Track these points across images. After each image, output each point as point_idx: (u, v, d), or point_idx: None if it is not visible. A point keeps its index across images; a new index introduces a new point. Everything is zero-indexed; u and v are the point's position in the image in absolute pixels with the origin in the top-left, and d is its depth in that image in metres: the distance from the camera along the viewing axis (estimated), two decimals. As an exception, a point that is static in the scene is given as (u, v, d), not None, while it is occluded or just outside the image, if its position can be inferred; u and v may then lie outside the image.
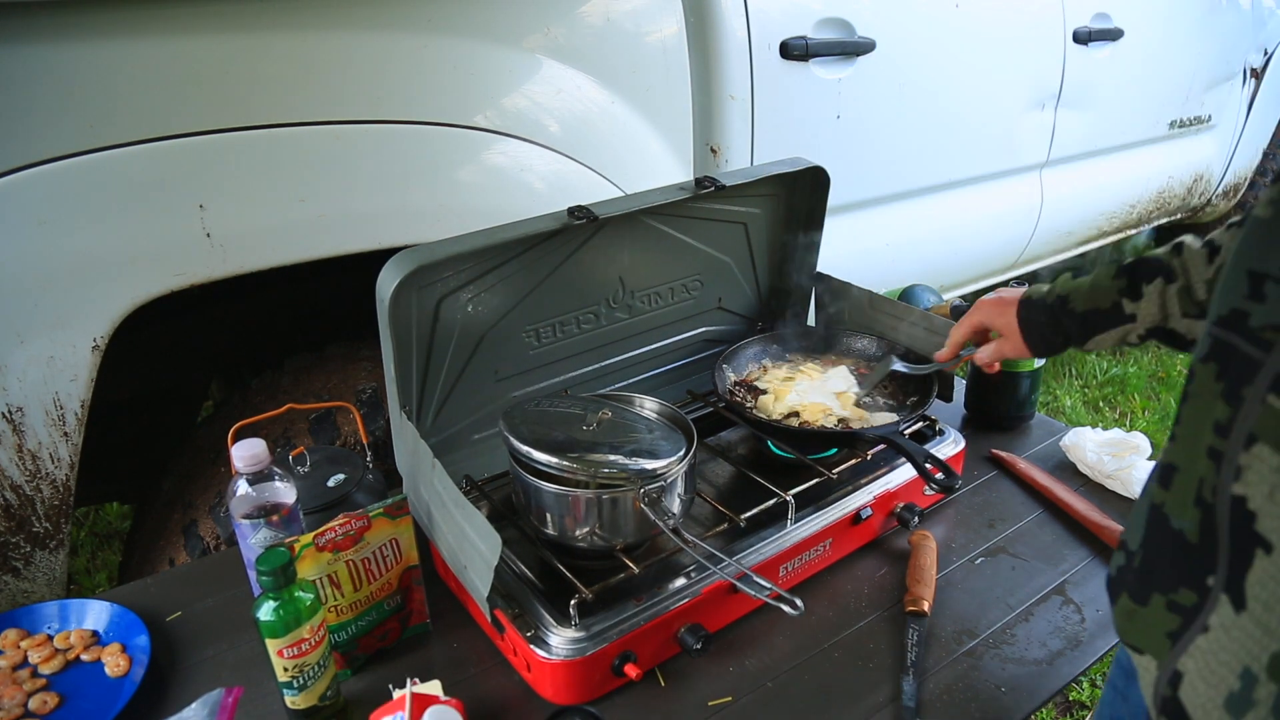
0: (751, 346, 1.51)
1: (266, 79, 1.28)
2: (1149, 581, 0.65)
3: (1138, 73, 2.68)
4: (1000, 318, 1.17)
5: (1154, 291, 0.99)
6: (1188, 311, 0.98)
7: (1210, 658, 0.59)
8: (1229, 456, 0.57)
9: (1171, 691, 0.62)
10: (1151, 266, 0.99)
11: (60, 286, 1.19)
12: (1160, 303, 0.99)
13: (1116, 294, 1.02)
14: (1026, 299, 1.13)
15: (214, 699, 0.97)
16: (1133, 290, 1.00)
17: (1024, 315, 1.12)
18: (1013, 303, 1.14)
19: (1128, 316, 1.01)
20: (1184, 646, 0.61)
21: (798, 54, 1.83)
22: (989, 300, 1.20)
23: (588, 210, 1.18)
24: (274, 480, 1.05)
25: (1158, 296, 0.99)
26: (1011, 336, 1.15)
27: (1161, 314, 0.99)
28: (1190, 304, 0.97)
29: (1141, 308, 1.00)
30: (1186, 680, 0.61)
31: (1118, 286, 1.02)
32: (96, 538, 2.62)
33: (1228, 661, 0.58)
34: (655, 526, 1.05)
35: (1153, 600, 0.64)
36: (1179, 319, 0.99)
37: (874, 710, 1.02)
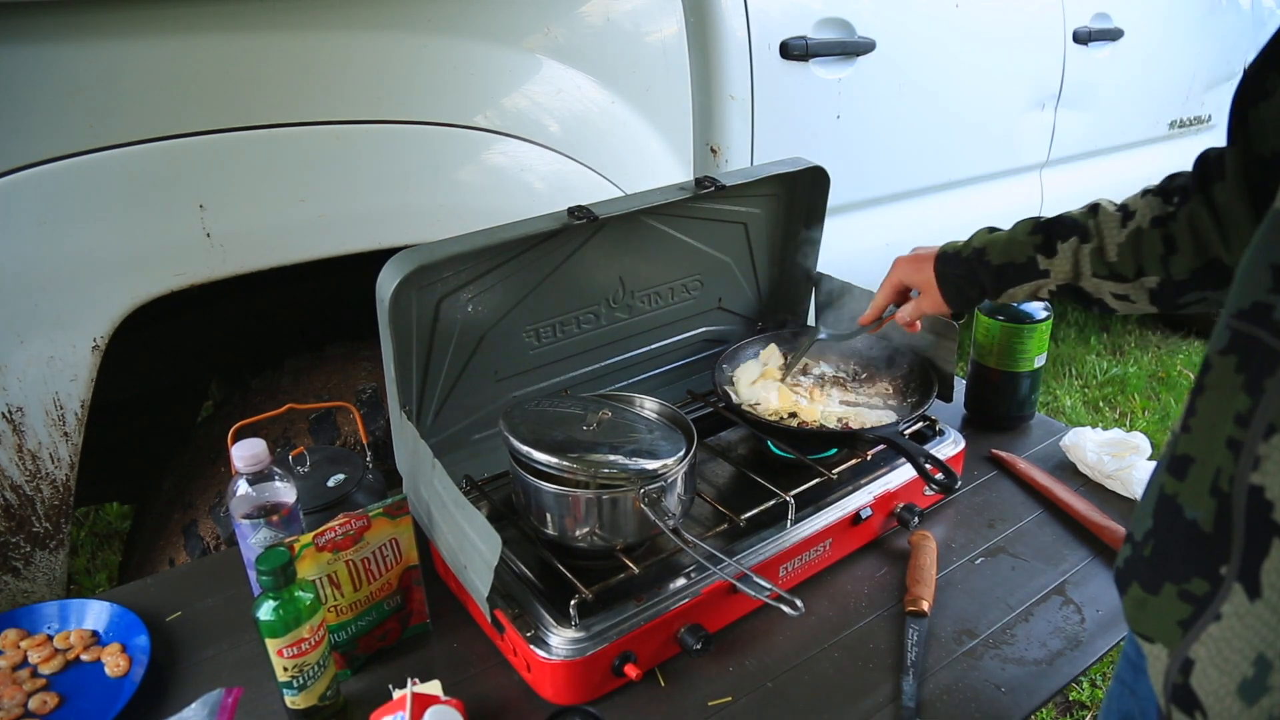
0: (751, 346, 1.51)
1: (266, 79, 1.28)
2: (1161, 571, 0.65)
3: (1138, 73, 2.68)
4: (918, 274, 1.20)
5: (1068, 250, 1.03)
6: (1098, 272, 1.01)
7: (1223, 645, 0.59)
8: (1248, 447, 0.58)
9: (1183, 679, 0.63)
10: (1067, 226, 1.03)
11: (60, 286, 1.19)
12: (1074, 261, 1.03)
13: (1032, 249, 1.06)
14: (943, 254, 1.16)
15: (214, 699, 0.97)
16: (1048, 247, 1.04)
17: (940, 269, 1.16)
18: (929, 258, 1.17)
19: (1041, 272, 1.05)
20: (1195, 634, 0.61)
21: (798, 54, 1.83)
22: (905, 258, 1.23)
23: (588, 210, 1.18)
24: (274, 480, 1.05)
25: (1072, 255, 1.03)
26: (929, 291, 1.18)
27: (1074, 272, 1.03)
28: (1101, 265, 1.01)
29: (1055, 264, 1.04)
30: (1198, 668, 0.61)
31: (1033, 243, 1.06)
32: (96, 538, 2.62)
33: (1241, 649, 0.58)
34: (655, 526, 1.05)
35: (1164, 589, 0.65)
36: (1089, 278, 1.02)
37: (874, 710, 1.02)
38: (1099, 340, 3.67)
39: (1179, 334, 3.72)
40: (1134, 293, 1.00)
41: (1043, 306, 1.53)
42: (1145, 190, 0.99)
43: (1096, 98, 2.60)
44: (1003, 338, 1.53)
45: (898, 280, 1.24)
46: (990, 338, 1.54)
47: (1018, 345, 1.52)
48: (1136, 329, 3.78)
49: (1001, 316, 1.52)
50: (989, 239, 1.11)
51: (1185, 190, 0.95)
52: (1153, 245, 0.96)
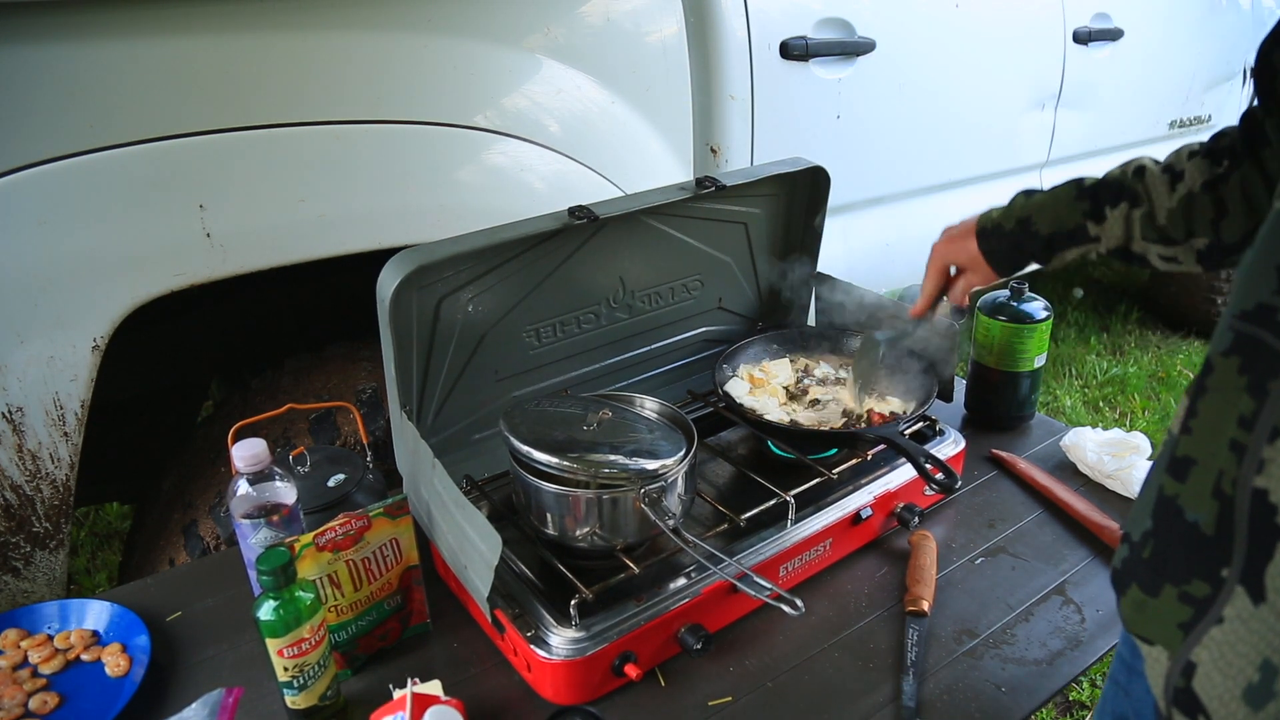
0: (751, 346, 1.51)
1: (266, 79, 1.28)
2: (1161, 573, 0.65)
3: (1138, 73, 2.68)
4: (961, 253, 1.20)
5: (1119, 215, 1.02)
6: (1148, 235, 1.01)
7: (1226, 649, 0.59)
8: (1252, 449, 0.57)
9: (1185, 683, 0.62)
10: (1114, 189, 1.03)
11: (60, 286, 1.19)
12: (1125, 226, 1.02)
13: (1080, 215, 1.05)
14: (983, 230, 1.16)
15: (214, 699, 0.97)
16: (1096, 213, 1.04)
17: (985, 246, 1.16)
18: (969, 234, 1.18)
19: (1092, 238, 1.05)
20: (1197, 637, 0.61)
21: (798, 54, 1.83)
22: (942, 241, 1.23)
23: (588, 210, 1.18)
24: (274, 480, 1.05)
25: (1123, 220, 1.02)
26: (977, 267, 1.19)
27: (1125, 237, 1.03)
28: (1151, 229, 1.00)
29: (1106, 230, 1.04)
30: (1201, 671, 0.61)
31: (1081, 209, 1.05)
32: (96, 538, 2.62)
33: (1246, 653, 0.58)
34: (655, 526, 1.05)
35: (1164, 591, 0.64)
36: (1139, 241, 1.02)
37: (874, 710, 1.02)
38: (1099, 340, 3.67)
39: (1179, 334, 3.72)
40: (1182, 254, 0.99)
41: (1043, 306, 1.53)
42: (1191, 151, 0.98)
43: (1096, 98, 2.60)
44: (1003, 338, 1.53)
45: (941, 264, 1.23)
46: (990, 338, 1.54)
47: (1018, 345, 1.52)
48: (1136, 329, 3.78)
49: (1001, 316, 1.52)
50: (1032, 206, 1.10)
51: (1234, 152, 0.93)
52: (1204, 209, 0.95)
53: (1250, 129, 0.91)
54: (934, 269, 1.25)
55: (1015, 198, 1.14)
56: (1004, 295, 1.55)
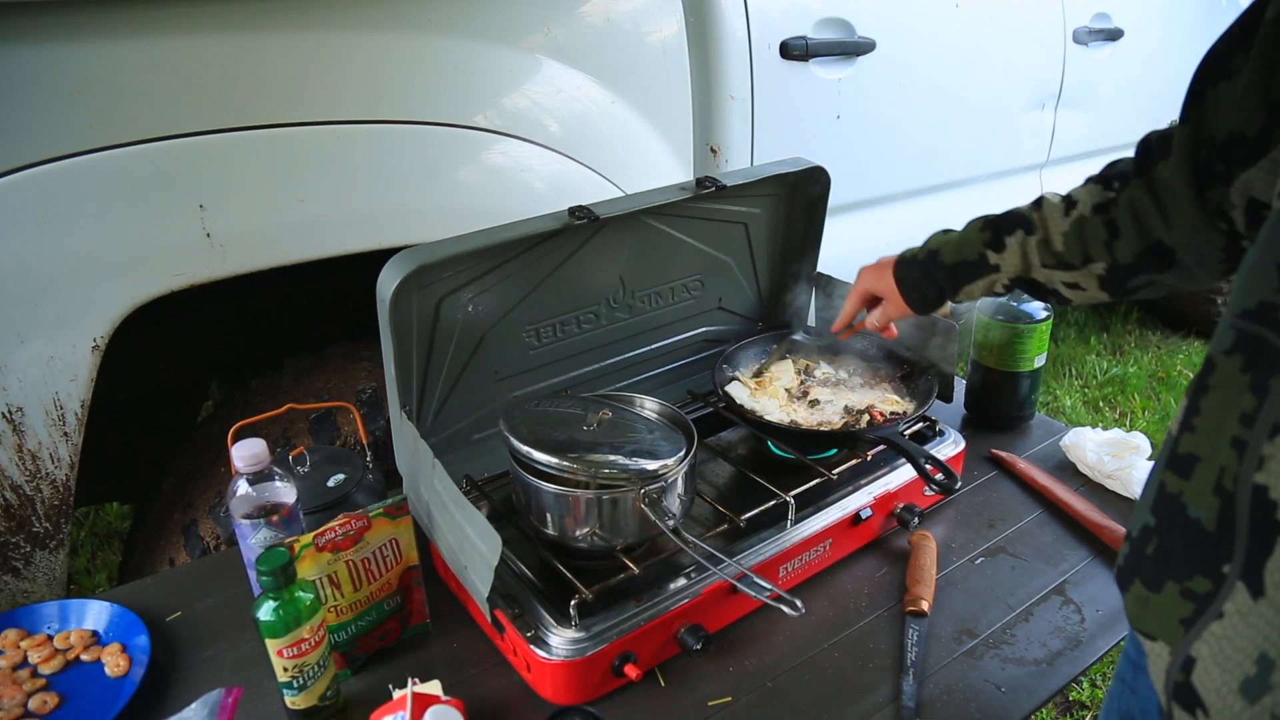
0: (751, 346, 1.52)
1: (266, 79, 1.28)
2: (1163, 569, 0.65)
3: (1138, 73, 2.68)
4: (879, 281, 1.24)
5: (1015, 244, 1.05)
6: (1046, 262, 1.03)
7: (1225, 643, 0.59)
8: (1252, 446, 0.58)
9: (1184, 677, 0.63)
10: (1013, 220, 1.06)
11: (60, 286, 1.19)
12: (1022, 254, 1.05)
13: (982, 246, 1.09)
14: (900, 259, 1.20)
15: (214, 699, 0.97)
16: (996, 243, 1.07)
17: (899, 274, 1.20)
18: (889, 265, 1.22)
19: (992, 267, 1.08)
20: (1198, 633, 0.62)
21: (798, 54, 1.83)
22: (869, 267, 1.27)
23: (588, 210, 1.18)
24: (274, 480, 1.05)
25: (1019, 248, 1.05)
26: (891, 297, 1.23)
27: (1024, 265, 1.06)
28: (1049, 255, 1.03)
29: (1005, 259, 1.07)
30: (1200, 665, 0.61)
31: (983, 239, 1.09)
32: (96, 538, 2.62)
33: (1244, 647, 0.58)
34: (655, 527, 1.05)
35: (1166, 587, 0.65)
36: (1039, 269, 1.04)
37: (874, 710, 1.02)
38: (1099, 340, 3.67)
39: (1179, 334, 3.72)
40: (1083, 280, 1.02)
41: (1042, 306, 1.53)
42: (1088, 179, 1.01)
43: (1096, 98, 2.60)
44: (1003, 338, 1.53)
45: (863, 289, 1.28)
46: (990, 338, 1.54)
47: (1018, 345, 1.52)
48: (1136, 329, 3.78)
49: (1001, 316, 1.52)
50: (942, 240, 1.15)
51: (1125, 175, 0.96)
52: (1096, 231, 0.97)
53: (1146, 148, 0.94)
54: (855, 291, 1.30)
55: (933, 234, 1.18)
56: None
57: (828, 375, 1.48)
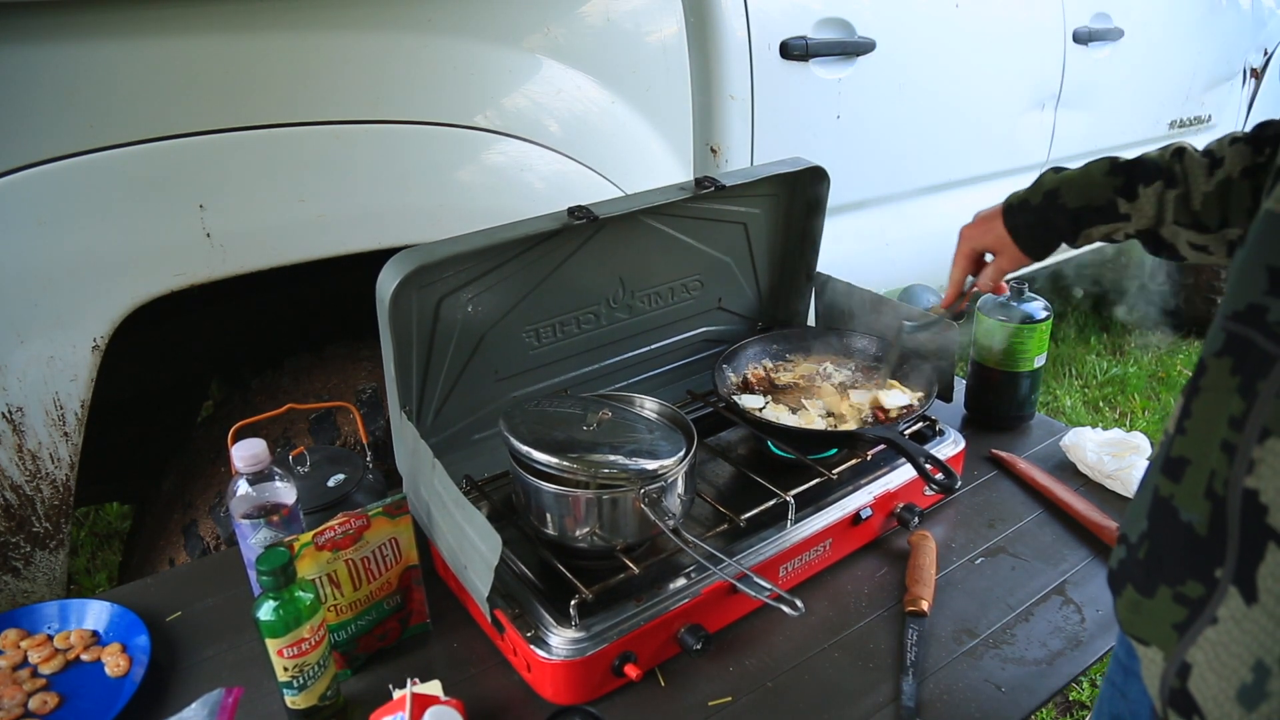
0: (751, 346, 1.51)
1: (266, 79, 1.28)
2: (1156, 574, 0.65)
3: (1138, 73, 2.68)
4: (989, 235, 1.16)
5: (1153, 194, 0.98)
6: (1179, 219, 0.97)
7: (1220, 649, 0.59)
8: (1242, 450, 0.57)
9: (1180, 683, 0.62)
10: (1150, 169, 0.99)
11: (60, 286, 1.19)
12: (1158, 206, 0.98)
13: (1112, 192, 1.01)
14: (1009, 206, 1.12)
15: (214, 699, 0.97)
16: (1129, 190, 1.00)
17: (1011, 223, 1.12)
18: (996, 215, 1.14)
19: (1121, 215, 1.01)
20: (1192, 638, 0.61)
21: (798, 54, 1.83)
22: (970, 225, 1.19)
23: (588, 210, 1.18)
24: (274, 480, 1.05)
25: (1156, 200, 0.98)
26: (1005, 248, 1.14)
27: (1157, 218, 0.99)
28: (1184, 213, 0.97)
29: (1137, 208, 0.99)
30: (1196, 672, 0.61)
31: (1113, 184, 1.01)
32: (96, 538, 2.62)
33: (1239, 654, 0.58)
34: (655, 527, 1.05)
35: (1159, 592, 0.64)
36: (1170, 225, 0.98)
37: (874, 710, 1.02)
38: (1099, 340, 3.67)
39: (1179, 334, 3.72)
40: (1213, 244, 0.96)
41: (1043, 306, 1.53)
42: (1234, 137, 0.95)
43: (1096, 98, 2.60)
44: (1003, 338, 1.53)
45: (969, 249, 1.19)
46: (990, 338, 1.54)
47: (1018, 345, 1.52)
48: (1137, 329, 3.78)
49: (1001, 317, 1.52)
50: (1061, 180, 1.06)
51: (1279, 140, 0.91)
52: (1241, 197, 0.92)
53: None
54: (961, 254, 1.20)
55: (1044, 174, 1.10)
56: (1004, 295, 1.55)
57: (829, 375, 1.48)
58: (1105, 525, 1.28)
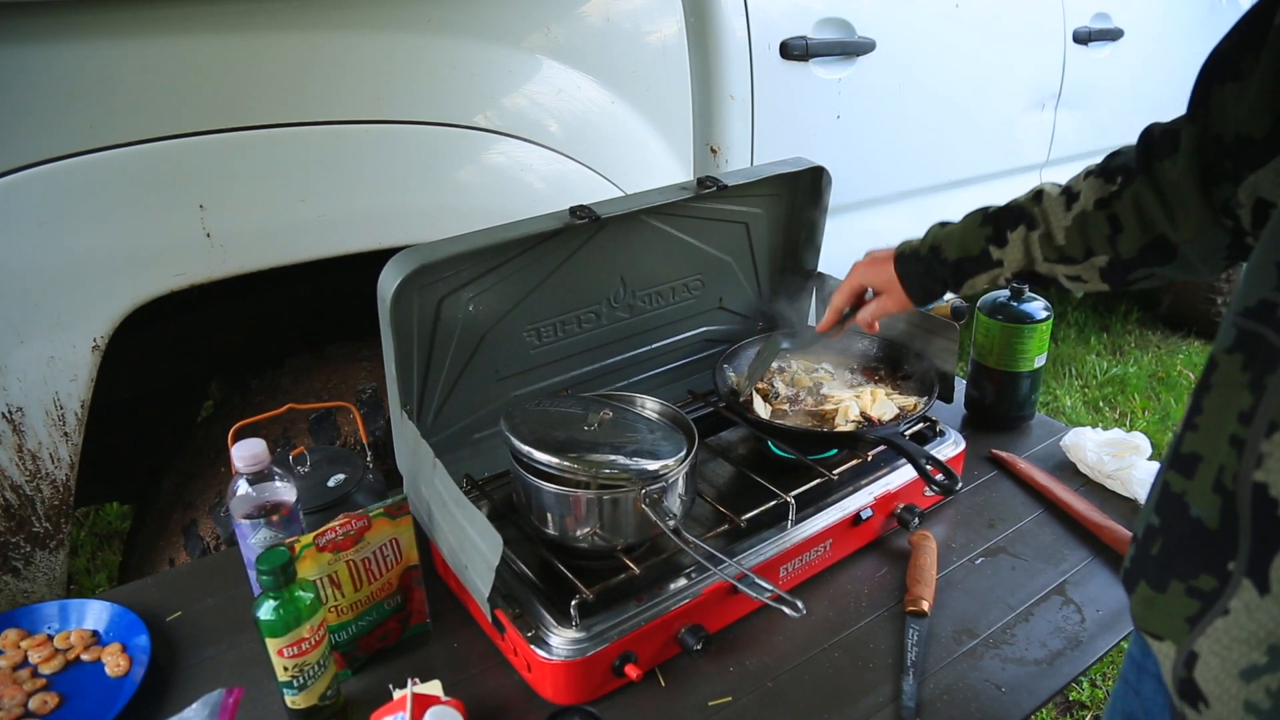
0: (751, 346, 1.51)
1: (266, 79, 1.28)
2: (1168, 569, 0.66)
3: (1138, 73, 2.68)
4: (879, 275, 1.22)
5: (1018, 239, 1.05)
6: (1048, 257, 1.03)
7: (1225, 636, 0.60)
8: (1251, 444, 0.58)
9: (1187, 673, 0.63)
10: (1014, 214, 1.05)
11: (60, 286, 1.19)
12: (1024, 249, 1.04)
13: (984, 241, 1.08)
14: (901, 254, 1.19)
15: (214, 699, 0.97)
16: (998, 238, 1.06)
17: (901, 269, 1.18)
18: (888, 259, 1.20)
19: (995, 262, 1.08)
20: (1201, 629, 0.62)
21: (798, 54, 1.83)
22: (863, 262, 1.25)
23: (589, 210, 1.18)
24: (274, 480, 1.05)
25: (1021, 243, 1.04)
26: (892, 291, 1.21)
27: (1026, 259, 1.05)
28: (1051, 250, 1.02)
29: (1007, 254, 1.06)
30: (1201, 660, 0.62)
31: (984, 234, 1.08)
32: (96, 538, 2.62)
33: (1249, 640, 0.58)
34: (656, 527, 1.05)
35: (1171, 587, 0.65)
36: (1041, 262, 1.04)
37: (874, 710, 1.02)
38: (1099, 340, 3.67)
39: (1179, 334, 3.72)
40: (1085, 273, 1.01)
41: (1043, 306, 1.53)
42: (1087, 171, 1.00)
43: (1096, 98, 2.60)
44: (1003, 338, 1.53)
45: (856, 283, 1.26)
46: (990, 338, 1.54)
47: (1018, 345, 1.52)
48: (1136, 329, 3.78)
49: (1001, 316, 1.52)
50: (942, 235, 1.14)
51: (1128, 169, 0.95)
52: (1099, 226, 0.97)
53: (1149, 142, 0.93)
54: (848, 286, 1.27)
55: (931, 228, 1.17)
56: (1004, 295, 1.55)
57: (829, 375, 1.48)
58: (1105, 525, 1.28)
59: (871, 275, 1.23)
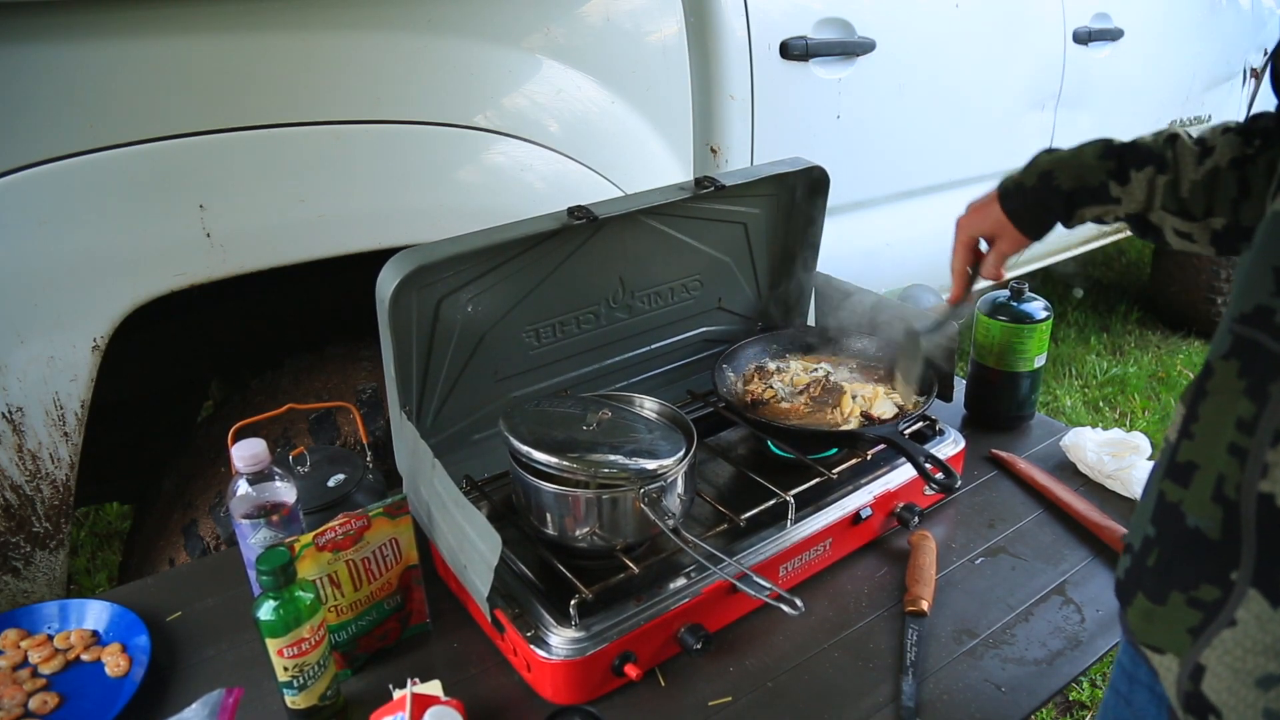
0: (751, 346, 1.51)
1: (266, 79, 1.28)
2: (1167, 580, 0.65)
3: (1138, 73, 2.68)
4: (986, 220, 1.15)
5: (1143, 179, 0.99)
6: (1167, 205, 0.98)
7: (1236, 647, 0.59)
8: (1254, 454, 0.57)
9: (1194, 686, 0.62)
10: (1142, 154, 1.00)
11: (60, 286, 1.19)
12: (1148, 191, 0.99)
13: (1104, 175, 1.02)
14: (1005, 191, 1.12)
15: (214, 699, 0.97)
16: (1121, 174, 1.01)
17: (1009, 206, 1.12)
18: (992, 201, 1.14)
19: (1113, 199, 1.02)
20: (1206, 641, 0.61)
21: (798, 54, 1.83)
22: (965, 215, 1.18)
23: (588, 210, 1.18)
24: (274, 480, 1.05)
25: (1146, 185, 0.99)
26: (1004, 232, 1.14)
27: (1146, 203, 1.00)
28: (1173, 199, 0.97)
29: (1128, 192, 1.00)
30: (1210, 672, 0.61)
31: (1106, 168, 1.02)
32: (96, 538, 2.62)
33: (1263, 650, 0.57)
34: (655, 526, 1.05)
35: (1171, 599, 0.64)
36: (1158, 210, 0.99)
37: (874, 710, 1.02)
38: (1099, 340, 3.67)
39: (1179, 334, 3.72)
40: (1197, 232, 0.96)
41: (1043, 306, 1.53)
42: (1225, 127, 0.95)
43: (1096, 98, 2.60)
44: (1003, 338, 1.53)
45: (967, 237, 1.18)
46: (990, 338, 1.54)
47: (1018, 345, 1.52)
48: (1136, 329, 3.78)
49: (1002, 317, 1.52)
50: (1054, 161, 1.07)
51: (1268, 133, 0.90)
52: (1227, 187, 0.92)
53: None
54: (961, 244, 1.19)
55: (1037, 155, 1.10)
56: (1004, 295, 1.55)
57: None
58: (1105, 525, 1.28)
59: (978, 223, 1.16)
